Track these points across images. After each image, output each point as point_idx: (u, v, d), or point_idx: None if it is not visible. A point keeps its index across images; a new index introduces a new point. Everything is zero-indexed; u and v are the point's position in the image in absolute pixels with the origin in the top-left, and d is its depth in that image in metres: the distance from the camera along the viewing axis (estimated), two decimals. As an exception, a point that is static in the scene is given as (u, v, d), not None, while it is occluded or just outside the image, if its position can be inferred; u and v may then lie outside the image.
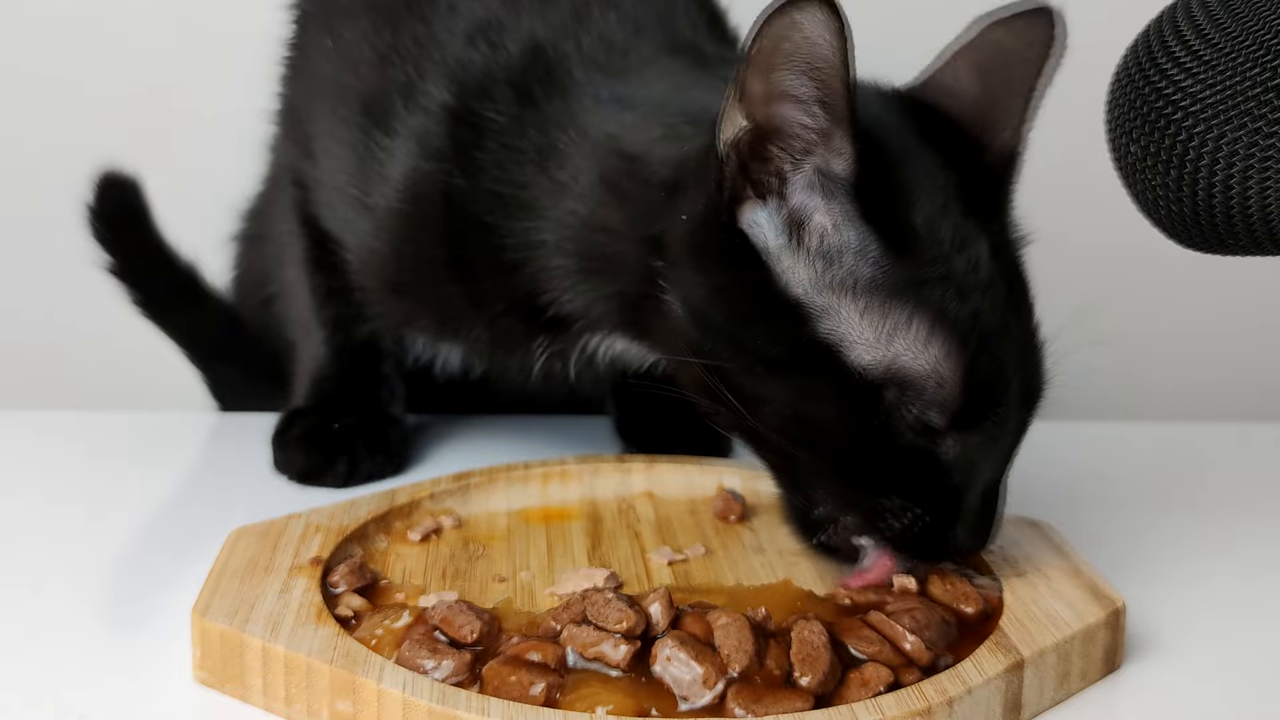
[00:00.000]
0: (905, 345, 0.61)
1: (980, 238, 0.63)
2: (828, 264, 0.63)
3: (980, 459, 0.64)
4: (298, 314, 0.94)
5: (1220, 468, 0.98)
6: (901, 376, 0.61)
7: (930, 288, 0.61)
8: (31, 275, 1.20)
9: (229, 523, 0.70)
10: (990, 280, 0.63)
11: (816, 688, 0.55)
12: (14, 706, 0.58)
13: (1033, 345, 0.66)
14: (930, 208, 0.63)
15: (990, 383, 0.62)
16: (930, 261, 0.62)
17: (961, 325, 0.61)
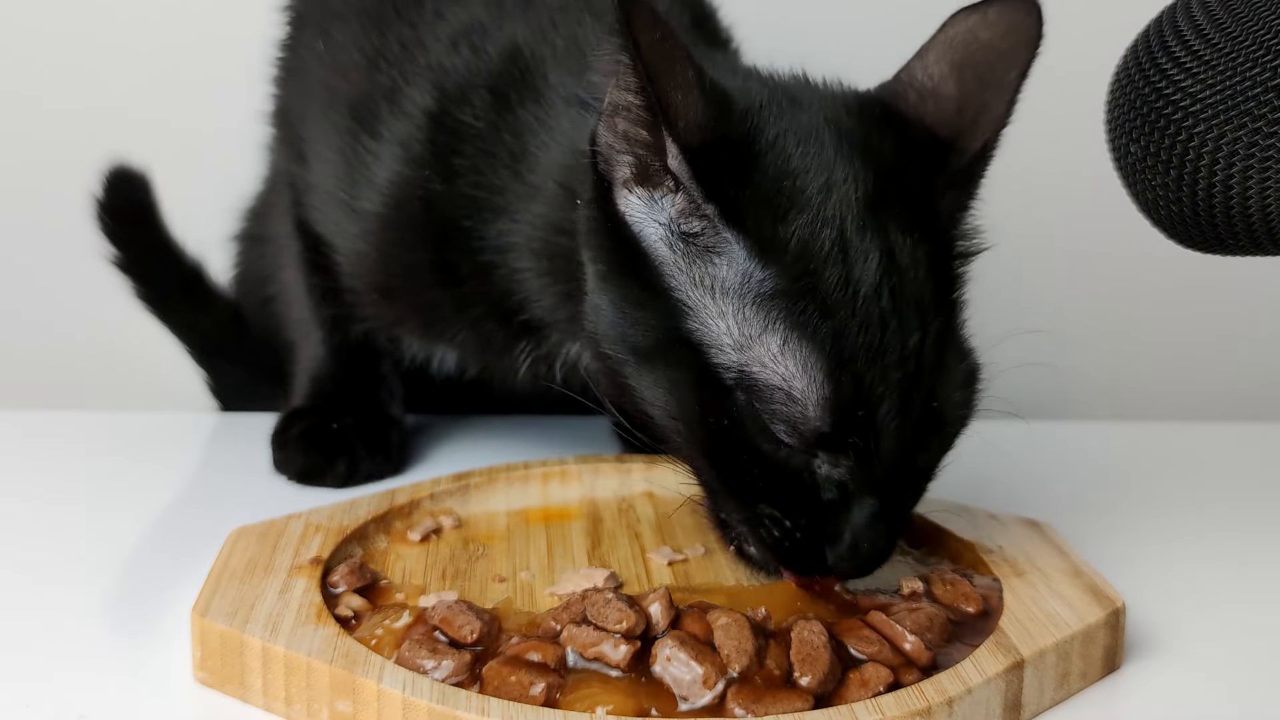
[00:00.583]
0: (759, 354, 0.59)
1: (872, 252, 0.60)
2: (694, 261, 0.61)
3: (856, 483, 0.60)
4: (296, 314, 0.94)
5: (1220, 468, 0.98)
6: (753, 386, 0.59)
7: (793, 300, 0.59)
8: (32, 275, 1.20)
9: (229, 523, 0.70)
10: (870, 297, 0.59)
11: (816, 688, 0.55)
12: (14, 706, 0.57)
13: (923, 369, 0.60)
14: (808, 219, 0.60)
15: (853, 405, 0.58)
16: (797, 274, 0.59)
17: (822, 342, 0.58)
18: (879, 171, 0.62)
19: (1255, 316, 1.21)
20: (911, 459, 0.61)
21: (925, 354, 0.60)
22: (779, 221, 0.60)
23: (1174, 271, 1.15)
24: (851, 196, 0.61)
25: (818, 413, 0.58)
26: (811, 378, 0.58)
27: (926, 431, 0.61)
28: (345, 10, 0.84)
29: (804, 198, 0.60)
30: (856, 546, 0.61)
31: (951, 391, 0.62)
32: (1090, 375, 1.21)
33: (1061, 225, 1.19)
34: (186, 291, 1.07)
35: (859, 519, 0.60)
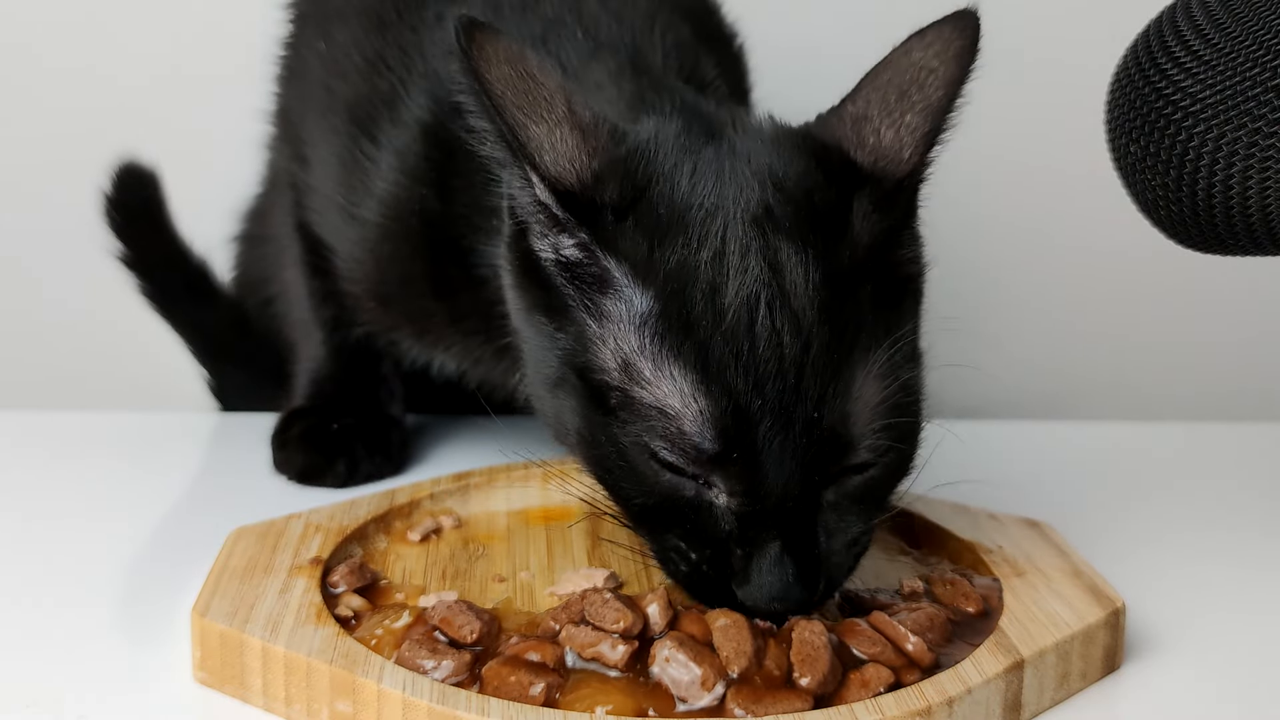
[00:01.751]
0: (636, 377, 0.59)
1: (751, 269, 0.58)
2: (584, 291, 0.61)
3: (751, 513, 0.58)
4: (297, 315, 0.94)
5: (1220, 468, 0.98)
6: (633, 407, 0.59)
7: (668, 321, 0.58)
8: (32, 276, 1.20)
9: (229, 523, 0.70)
10: (741, 312, 0.57)
11: (816, 688, 0.54)
12: (14, 706, 0.57)
13: (804, 386, 0.57)
14: (685, 241, 0.59)
15: (729, 419, 0.57)
16: (670, 294, 0.58)
17: (692, 359, 0.57)
18: (778, 194, 0.61)
19: (1255, 316, 1.21)
20: (813, 490, 0.59)
21: (809, 370, 0.57)
22: (656, 246, 0.59)
23: (1174, 271, 1.15)
24: (738, 218, 0.59)
25: (694, 428, 0.57)
26: (684, 394, 0.57)
27: (823, 456, 0.58)
28: (347, 10, 0.84)
29: (685, 222, 0.59)
30: (761, 588, 0.58)
31: (857, 414, 0.59)
32: (1090, 375, 1.22)
33: (1061, 225, 1.19)
34: (191, 290, 1.07)
35: (762, 557, 0.58)
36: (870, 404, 0.59)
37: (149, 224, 1.04)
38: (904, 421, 0.61)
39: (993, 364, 1.23)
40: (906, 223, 0.65)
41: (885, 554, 0.72)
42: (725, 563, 0.59)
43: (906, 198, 0.64)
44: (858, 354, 0.59)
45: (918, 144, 0.62)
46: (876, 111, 0.63)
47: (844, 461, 0.59)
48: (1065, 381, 1.22)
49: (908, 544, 0.73)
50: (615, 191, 0.60)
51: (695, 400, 0.57)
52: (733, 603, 0.59)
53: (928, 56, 0.63)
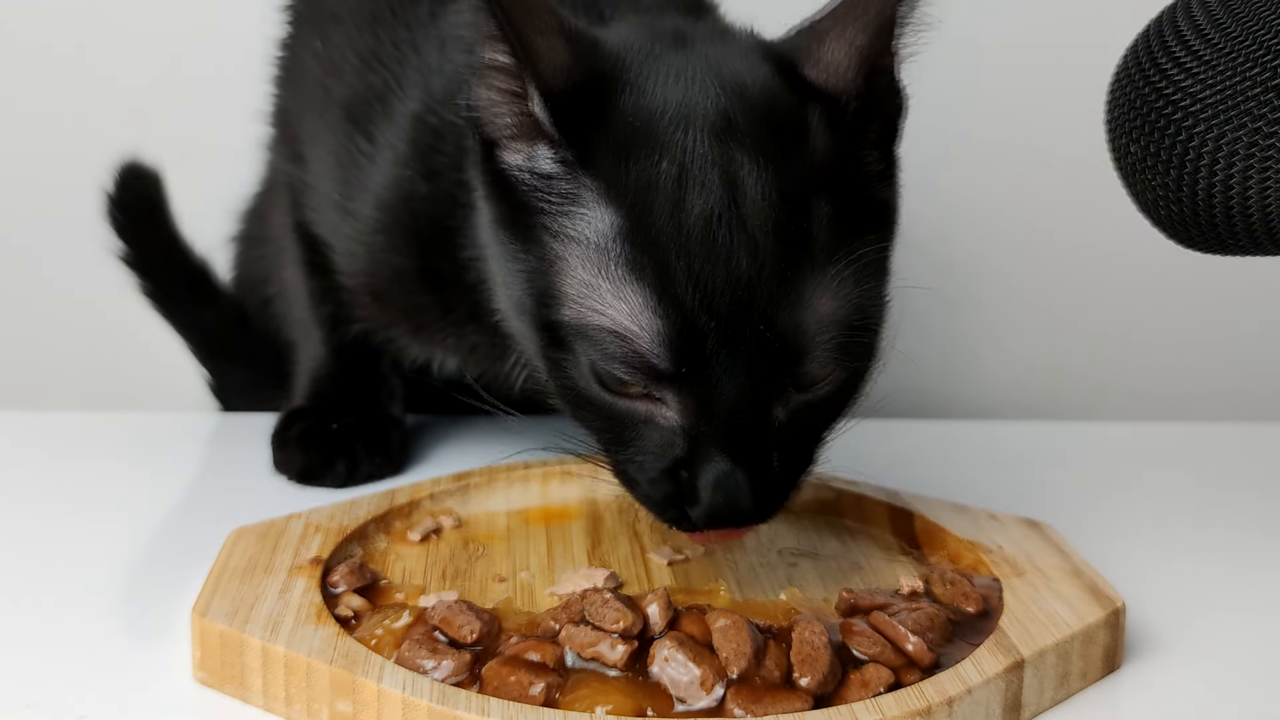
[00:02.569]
0: (593, 301, 0.59)
1: (709, 183, 0.58)
2: (556, 212, 0.61)
3: (699, 430, 0.59)
4: (296, 314, 0.94)
5: (1220, 468, 0.98)
6: (586, 332, 0.59)
7: (629, 239, 0.58)
8: (32, 275, 1.20)
9: (229, 523, 0.70)
10: (698, 227, 0.57)
11: (816, 688, 0.54)
12: (14, 706, 0.57)
13: (756, 300, 0.57)
14: (652, 155, 0.59)
15: (679, 337, 0.57)
16: (633, 212, 0.59)
17: (650, 276, 0.58)
18: (740, 103, 0.61)
19: (1255, 316, 1.21)
20: (763, 405, 0.59)
21: (760, 284, 0.57)
22: (626, 161, 0.59)
23: (1174, 271, 1.15)
24: (701, 128, 0.59)
25: (649, 347, 0.58)
26: (640, 313, 0.58)
27: (772, 366, 0.58)
28: (342, 9, 0.84)
29: (652, 134, 0.60)
30: (712, 506, 0.59)
31: (808, 325, 0.59)
32: (1090, 375, 1.22)
33: (1061, 225, 1.19)
34: (192, 289, 1.07)
35: (709, 476, 0.59)
36: (823, 317, 0.59)
37: (151, 223, 1.04)
38: (857, 339, 0.61)
39: (993, 364, 1.23)
40: (872, 144, 0.64)
41: (885, 554, 0.72)
42: (678, 482, 0.60)
43: (860, 118, 0.62)
44: (811, 268, 0.59)
45: (857, 61, 0.61)
46: (831, 24, 0.62)
47: (794, 371, 0.59)
48: (1065, 381, 1.22)
49: (908, 544, 0.73)
50: (595, 102, 0.60)
51: (651, 318, 0.58)
52: (686, 523, 0.60)
53: None
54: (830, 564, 0.71)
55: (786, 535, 0.74)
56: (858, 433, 1.04)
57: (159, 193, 1.03)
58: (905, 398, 1.21)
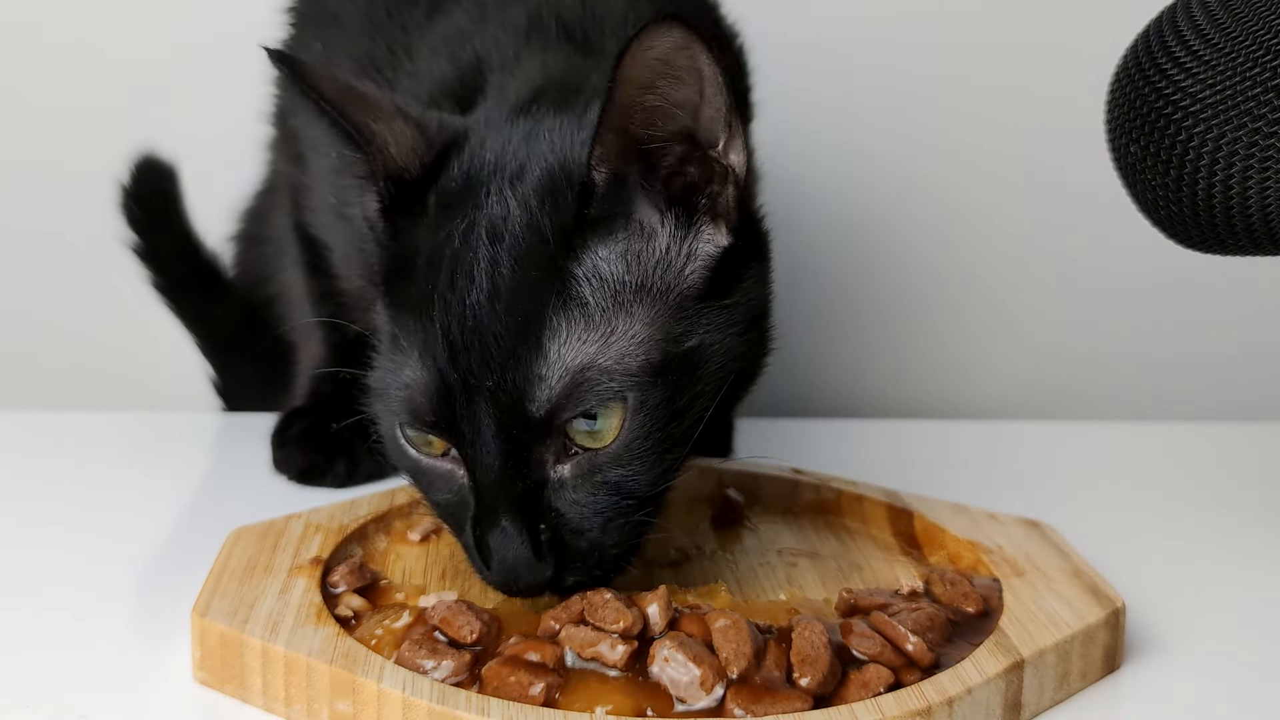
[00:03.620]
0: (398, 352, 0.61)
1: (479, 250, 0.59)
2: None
3: (478, 486, 0.59)
4: (297, 314, 0.94)
5: (1220, 468, 0.98)
6: (389, 390, 0.61)
7: (420, 297, 0.60)
8: (32, 275, 1.20)
9: (229, 523, 0.70)
10: (464, 291, 0.59)
11: (816, 688, 0.54)
12: (14, 706, 0.57)
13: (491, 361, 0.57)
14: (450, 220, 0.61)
15: (434, 398, 0.59)
16: (430, 270, 0.60)
17: (426, 336, 0.59)
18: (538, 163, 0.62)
19: (1255, 317, 1.21)
20: (520, 460, 0.58)
21: (496, 335, 0.57)
22: (439, 223, 0.61)
23: (1174, 271, 1.15)
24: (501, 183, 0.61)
25: (420, 398, 0.60)
26: (414, 372, 0.60)
27: (512, 422, 0.58)
28: (342, 11, 0.84)
29: (461, 194, 0.62)
30: (496, 567, 0.59)
31: (545, 383, 0.57)
32: (1090, 375, 1.22)
33: (1060, 225, 1.19)
34: (202, 284, 1.07)
35: (492, 534, 0.59)
36: (564, 363, 0.58)
37: (164, 216, 1.04)
38: (612, 385, 0.58)
39: (993, 364, 1.23)
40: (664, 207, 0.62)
41: (885, 554, 0.72)
42: (473, 542, 0.61)
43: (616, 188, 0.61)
44: (549, 326, 0.58)
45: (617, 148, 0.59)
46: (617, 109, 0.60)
47: (549, 420, 0.58)
48: (1065, 381, 1.22)
49: (908, 544, 0.73)
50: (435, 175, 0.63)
51: (421, 376, 0.59)
52: (486, 572, 0.61)
53: None
54: (830, 564, 0.71)
55: (786, 535, 0.74)
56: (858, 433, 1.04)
57: (174, 187, 1.03)
58: (906, 398, 1.21)
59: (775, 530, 0.75)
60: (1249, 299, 1.19)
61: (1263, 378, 1.21)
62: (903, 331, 1.22)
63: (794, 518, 0.77)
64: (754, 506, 0.78)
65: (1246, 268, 0.80)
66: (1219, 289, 1.18)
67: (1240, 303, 1.19)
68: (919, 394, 1.22)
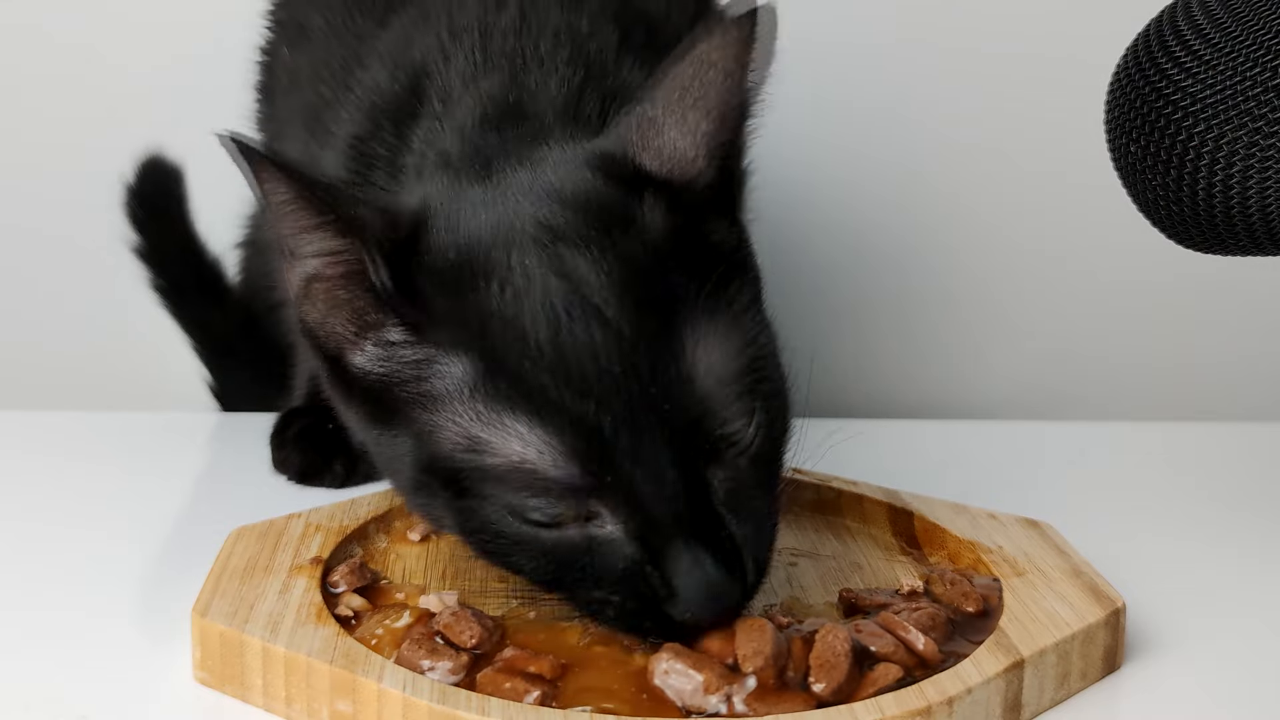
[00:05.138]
0: (485, 448, 0.56)
1: (549, 291, 0.56)
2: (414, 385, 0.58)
3: (640, 529, 0.56)
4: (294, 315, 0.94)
5: (1220, 468, 0.98)
6: (496, 478, 0.56)
7: (492, 377, 0.56)
8: (32, 275, 1.20)
9: (229, 523, 0.70)
10: (550, 337, 0.55)
11: (829, 695, 0.54)
12: (14, 706, 0.57)
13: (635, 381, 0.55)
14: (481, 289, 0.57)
15: (577, 441, 0.55)
16: (485, 349, 0.56)
17: (526, 403, 0.55)
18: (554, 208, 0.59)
19: (1255, 316, 1.21)
20: (694, 476, 0.56)
21: (636, 358, 0.55)
22: (457, 301, 0.57)
23: (1174, 271, 1.15)
24: (516, 242, 0.58)
25: (554, 469, 0.55)
26: (530, 440, 0.55)
27: (687, 433, 0.56)
28: (310, 19, 0.83)
29: (469, 270, 0.57)
30: (690, 596, 0.55)
31: (703, 381, 0.56)
32: (1091, 375, 1.22)
33: (1060, 225, 1.19)
34: (202, 287, 1.07)
35: (675, 566, 0.55)
36: (716, 369, 0.57)
37: (168, 218, 1.04)
38: (762, 378, 0.59)
39: (993, 364, 1.23)
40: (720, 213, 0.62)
41: (885, 553, 0.72)
42: (648, 592, 0.56)
43: (710, 193, 0.60)
44: (680, 327, 0.57)
45: (703, 145, 0.59)
46: (663, 111, 0.60)
47: (709, 432, 0.56)
48: (1065, 381, 1.22)
49: (908, 544, 0.73)
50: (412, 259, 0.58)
51: (542, 440, 0.55)
52: (674, 628, 0.56)
53: (711, 52, 0.59)
54: (830, 564, 0.71)
55: (786, 535, 0.74)
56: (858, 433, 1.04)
57: (179, 188, 1.03)
58: (906, 398, 1.21)
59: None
60: (1249, 299, 1.19)
61: (1263, 378, 1.21)
62: (903, 331, 1.22)
63: (794, 517, 0.77)
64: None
65: (1246, 268, 0.80)
66: (1219, 289, 1.18)
67: (1240, 303, 1.19)
68: (919, 394, 1.22)
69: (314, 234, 0.57)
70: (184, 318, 1.08)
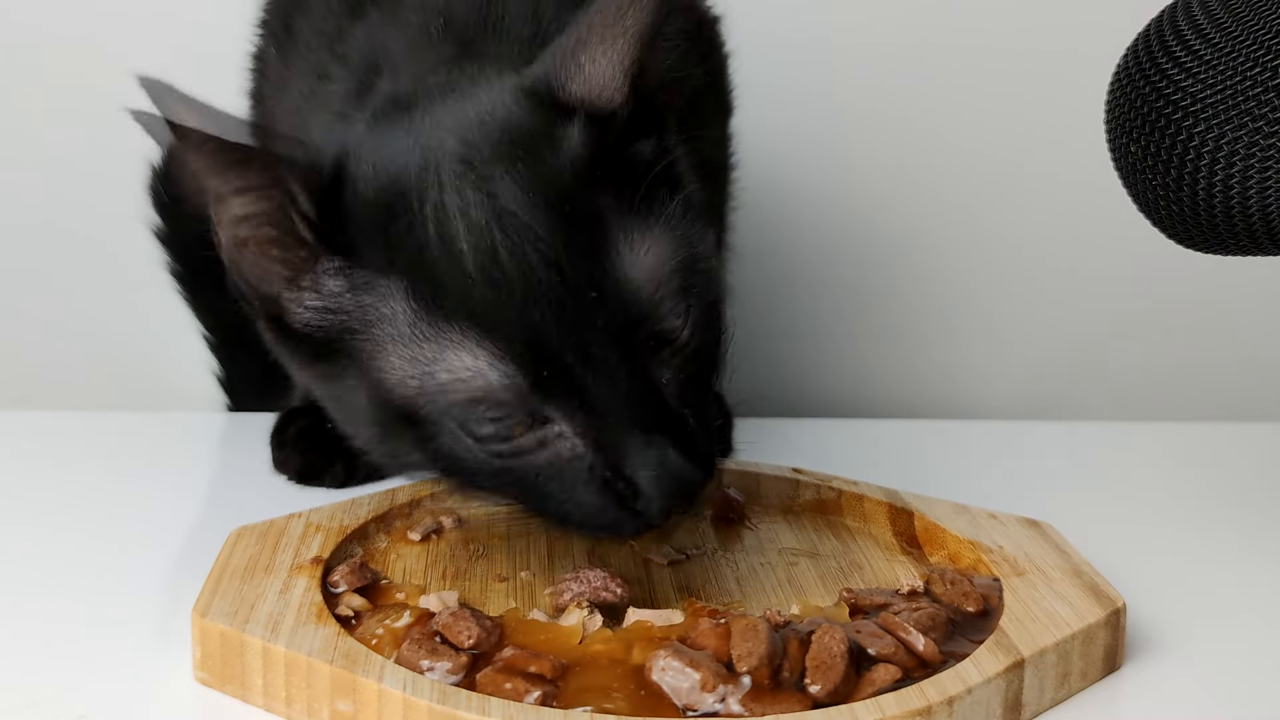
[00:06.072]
0: (434, 372, 0.58)
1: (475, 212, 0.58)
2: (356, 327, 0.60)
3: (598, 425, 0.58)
4: None
5: (1220, 468, 0.98)
6: (449, 405, 0.58)
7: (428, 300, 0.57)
8: (32, 275, 1.19)
9: (229, 522, 0.70)
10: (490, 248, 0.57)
11: (825, 697, 0.54)
12: (14, 706, 0.57)
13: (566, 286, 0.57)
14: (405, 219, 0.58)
15: (520, 350, 0.56)
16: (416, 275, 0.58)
17: (464, 320, 0.57)
18: (478, 133, 0.60)
19: (1255, 316, 1.21)
20: (642, 372, 0.58)
21: (566, 261, 0.57)
22: (385, 230, 0.59)
23: (1174, 271, 1.15)
24: (444, 167, 0.59)
25: (498, 375, 0.56)
26: (472, 353, 0.57)
27: (628, 330, 0.58)
28: (294, 24, 0.84)
29: (399, 193, 0.59)
30: (659, 488, 0.58)
31: (638, 279, 0.58)
32: (1091, 375, 1.22)
33: (1060, 225, 1.19)
34: (220, 275, 1.07)
35: (640, 461, 0.57)
36: (648, 270, 0.59)
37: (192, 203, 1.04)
38: (694, 281, 0.61)
39: (993, 364, 1.23)
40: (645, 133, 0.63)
41: (885, 553, 0.72)
42: (612, 491, 0.59)
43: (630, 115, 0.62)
44: (611, 235, 0.59)
45: (622, 72, 0.61)
46: (593, 36, 0.62)
47: (651, 329, 0.59)
48: (1065, 381, 1.22)
49: (908, 543, 0.73)
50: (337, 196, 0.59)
51: (489, 353, 0.57)
52: (641, 523, 0.59)
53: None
54: (830, 563, 0.71)
55: (787, 534, 0.74)
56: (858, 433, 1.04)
57: None
58: (906, 398, 1.21)
59: (775, 529, 0.75)
60: (1249, 299, 1.19)
61: (1263, 378, 1.21)
62: (903, 332, 1.22)
63: (794, 517, 0.77)
64: (754, 506, 0.78)
65: (1246, 268, 0.80)
66: (1219, 289, 1.18)
67: (1240, 303, 1.19)
68: (919, 394, 1.22)
69: (235, 172, 0.58)
70: (199, 306, 1.08)
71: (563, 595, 0.64)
